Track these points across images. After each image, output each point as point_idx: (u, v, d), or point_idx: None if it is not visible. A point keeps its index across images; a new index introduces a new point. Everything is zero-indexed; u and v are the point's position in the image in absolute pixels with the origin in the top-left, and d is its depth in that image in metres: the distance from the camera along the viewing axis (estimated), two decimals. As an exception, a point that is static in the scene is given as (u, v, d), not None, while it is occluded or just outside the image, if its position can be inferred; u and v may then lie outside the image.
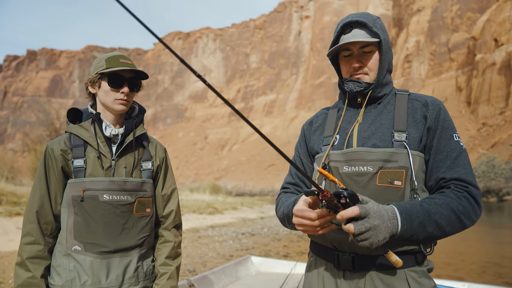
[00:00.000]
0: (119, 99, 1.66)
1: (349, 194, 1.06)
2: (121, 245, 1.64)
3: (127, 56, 1.73)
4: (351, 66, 1.39)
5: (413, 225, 1.16)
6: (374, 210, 1.10)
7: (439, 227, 1.19)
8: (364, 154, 1.30)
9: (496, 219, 21.95)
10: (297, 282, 3.78)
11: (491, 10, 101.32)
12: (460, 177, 1.26)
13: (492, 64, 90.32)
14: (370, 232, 1.08)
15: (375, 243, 1.09)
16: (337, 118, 1.48)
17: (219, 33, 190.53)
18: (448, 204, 1.20)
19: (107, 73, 1.64)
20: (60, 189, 1.66)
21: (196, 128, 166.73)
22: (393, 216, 1.14)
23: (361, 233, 1.08)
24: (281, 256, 9.13)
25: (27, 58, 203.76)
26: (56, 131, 29.33)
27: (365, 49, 1.37)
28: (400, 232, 1.15)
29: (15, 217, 10.80)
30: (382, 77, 1.39)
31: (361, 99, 1.43)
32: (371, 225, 1.08)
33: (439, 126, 1.31)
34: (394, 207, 1.17)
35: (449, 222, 1.20)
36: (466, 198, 1.23)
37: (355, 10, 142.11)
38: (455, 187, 1.26)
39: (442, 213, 1.19)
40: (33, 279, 1.55)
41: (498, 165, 57.21)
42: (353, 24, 1.38)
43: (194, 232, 14.35)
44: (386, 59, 1.38)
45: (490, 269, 7.90)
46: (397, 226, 1.14)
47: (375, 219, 1.09)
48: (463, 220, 1.22)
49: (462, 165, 1.28)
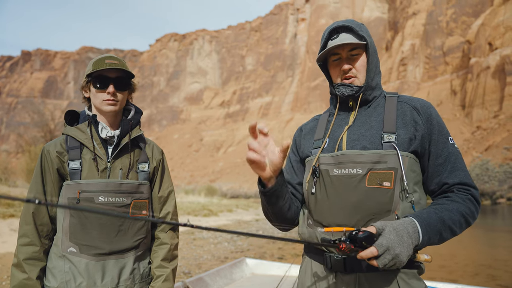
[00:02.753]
0: (106, 99, 1.66)
1: (365, 237, 1.10)
2: (116, 247, 1.63)
3: (119, 57, 1.72)
4: (340, 70, 1.42)
5: (431, 234, 1.20)
6: (392, 240, 1.12)
7: (452, 232, 1.26)
8: (353, 157, 1.32)
9: (489, 221, 22.09)
10: (291, 284, 3.79)
11: (486, 15, 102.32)
12: (462, 181, 1.31)
13: (486, 67, 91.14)
14: (394, 261, 1.12)
15: (401, 265, 1.14)
16: (328, 122, 1.51)
17: (215, 35, 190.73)
18: (457, 209, 1.26)
19: (93, 75, 1.65)
20: (56, 191, 1.65)
21: (192, 130, 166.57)
22: (414, 230, 1.17)
23: (385, 265, 1.12)
24: (276, 258, 9.15)
25: (22, 59, 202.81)
26: (50, 132, 29.21)
27: (353, 52, 1.40)
28: (421, 243, 1.18)
29: (9, 218, 10.74)
30: (371, 79, 1.41)
31: (352, 102, 1.45)
32: (393, 255, 1.11)
33: (434, 131, 1.34)
34: (414, 220, 1.19)
35: (460, 226, 1.27)
36: (471, 200, 1.29)
37: (350, 13, 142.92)
38: (458, 191, 1.31)
39: (454, 218, 1.24)
40: (28, 280, 1.55)
41: (492, 168, 57.60)
42: (339, 29, 1.42)
43: (189, 234, 14.33)
44: (373, 62, 1.41)
45: (484, 272, 7.96)
46: (418, 238, 1.17)
47: (396, 247, 1.11)
48: (470, 221, 1.29)
49: (461, 168, 1.33)
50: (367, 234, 1.09)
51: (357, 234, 1.09)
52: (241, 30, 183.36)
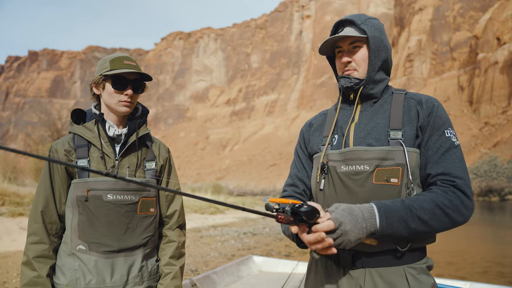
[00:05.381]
0: (123, 101, 1.67)
1: (306, 211, 1.07)
2: (125, 244, 1.65)
3: (130, 57, 1.73)
4: (341, 62, 1.45)
5: (392, 221, 1.18)
6: (344, 216, 1.14)
7: (423, 222, 1.20)
8: (361, 153, 1.33)
9: (498, 218, 21.92)
10: (298, 282, 3.80)
11: (494, 9, 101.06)
12: (445, 171, 1.27)
13: (494, 63, 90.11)
14: (343, 238, 1.14)
15: (348, 245, 1.15)
16: (334, 117, 1.53)
17: (220, 33, 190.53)
18: (431, 199, 1.22)
19: (111, 75, 1.64)
20: (65, 189, 1.67)
21: (198, 128, 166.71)
22: (370, 215, 1.17)
23: (334, 239, 1.14)
24: (283, 255, 9.15)
25: (29, 59, 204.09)
26: (58, 132, 29.42)
27: (354, 44, 1.43)
28: (380, 228, 1.17)
29: (18, 217, 10.85)
30: (374, 73, 1.41)
31: (353, 95, 1.47)
32: (342, 231, 1.13)
33: (430, 123, 1.34)
34: (373, 205, 1.20)
35: (434, 217, 1.20)
36: (453, 192, 1.23)
37: (356, 9, 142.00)
38: (441, 183, 1.26)
39: (424, 207, 1.20)
40: (38, 278, 1.56)
41: (500, 164, 57.10)
42: (344, 23, 1.48)
43: (196, 232, 14.38)
44: (377, 56, 1.41)
45: (492, 269, 7.90)
46: (375, 223, 1.17)
47: (347, 224, 1.13)
48: (451, 215, 1.21)
49: (449, 159, 1.29)
50: (309, 209, 1.07)
51: (300, 207, 1.06)
52: (246, 28, 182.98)
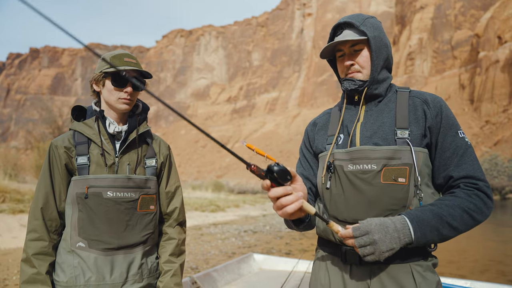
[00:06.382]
0: (123, 98, 1.67)
1: (278, 170, 1.01)
2: (125, 242, 1.65)
3: (131, 54, 1.72)
4: (344, 65, 1.45)
5: (426, 231, 1.19)
6: (372, 226, 1.16)
7: (453, 228, 1.22)
8: (368, 152, 1.33)
9: (499, 217, 21.89)
10: (299, 280, 3.79)
11: (495, 7, 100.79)
12: (468, 174, 1.27)
13: (495, 61, 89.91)
14: (373, 247, 1.14)
15: (381, 255, 1.15)
16: (339, 117, 1.52)
17: (221, 30, 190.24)
18: (459, 204, 1.23)
19: (111, 72, 1.64)
20: (64, 186, 1.66)
21: (199, 126, 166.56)
22: (403, 226, 1.17)
23: (362, 246, 1.16)
24: (283, 253, 9.15)
25: (30, 56, 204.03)
26: (58, 129, 29.42)
27: (355, 47, 1.41)
28: (415, 239, 1.18)
29: (19, 214, 10.85)
30: (377, 73, 1.41)
31: (358, 97, 1.47)
32: (371, 240, 1.14)
33: (442, 124, 1.33)
34: (404, 217, 1.19)
35: (462, 222, 1.22)
36: (477, 195, 1.24)
37: (357, 7, 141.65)
38: (465, 186, 1.27)
39: (453, 214, 1.21)
40: (38, 275, 1.56)
41: (501, 163, 56.96)
42: (343, 25, 1.45)
43: (196, 229, 14.38)
44: (379, 56, 1.40)
45: (493, 267, 7.89)
46: (410, 235, 1.17)
47: (375, 234, 1.14)
48: (476, 217, 1.24)
49: (469, 161, 1.29)
50: (281, 168, 1.01)
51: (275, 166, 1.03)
52: (248, 26, 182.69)
